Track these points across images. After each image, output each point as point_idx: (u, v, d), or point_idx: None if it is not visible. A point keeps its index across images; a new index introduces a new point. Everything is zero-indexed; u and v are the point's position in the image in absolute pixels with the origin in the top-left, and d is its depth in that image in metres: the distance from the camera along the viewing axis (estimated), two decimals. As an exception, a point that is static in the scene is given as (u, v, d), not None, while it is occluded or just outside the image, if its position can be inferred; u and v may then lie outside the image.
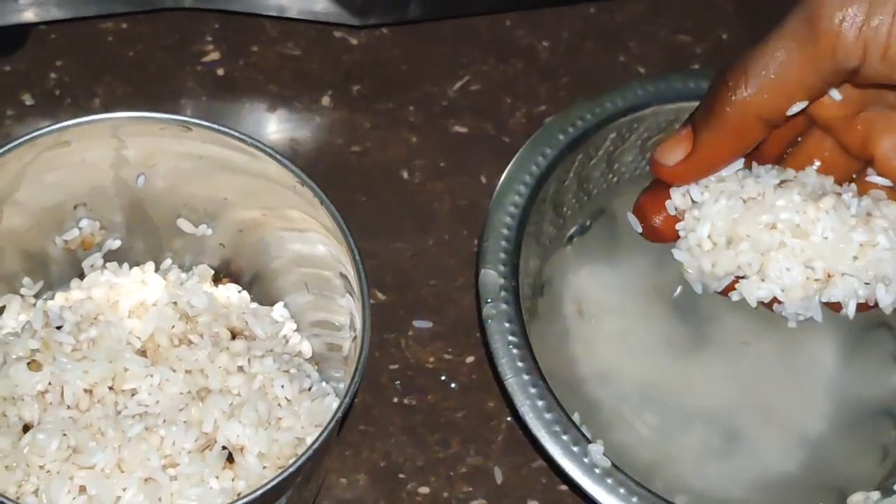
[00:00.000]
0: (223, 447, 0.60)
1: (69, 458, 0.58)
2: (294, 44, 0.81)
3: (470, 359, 0.72)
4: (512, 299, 0.67)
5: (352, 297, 0.61)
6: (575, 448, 0.64)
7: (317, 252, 0.64)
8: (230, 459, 0.60)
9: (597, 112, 0.73)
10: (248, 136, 0.62)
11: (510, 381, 0.65)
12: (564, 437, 0.64)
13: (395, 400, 0.70)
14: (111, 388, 0.61)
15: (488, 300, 0.67)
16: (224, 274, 0.69)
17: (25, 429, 0.59)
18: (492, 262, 0.68)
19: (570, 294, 0.73)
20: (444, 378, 0.71)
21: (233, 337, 0.64)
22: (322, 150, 0.78)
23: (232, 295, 0.68)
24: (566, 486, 0.68)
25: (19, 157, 0.61)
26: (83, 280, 0.67)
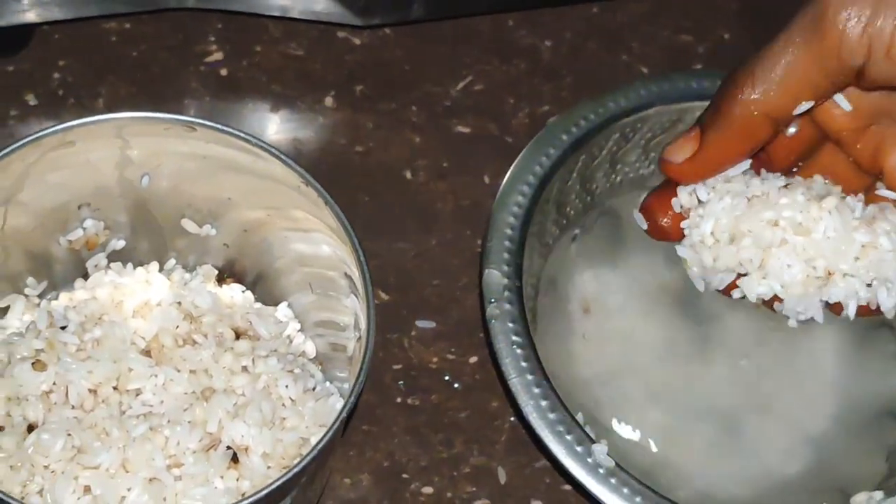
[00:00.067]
0: (228, 447, 0.60)
1: (74, 458, 0.58)
2: (297, 44, 0.81)
3: (473, 359, 0.72)
4: (515, 299, 0.67)
5: (356, 297, 0.61)
6: (578, 448, 0.64)
7: (321, 252, 0.64)
8: (235, 459, 0.60)
9: (600, 112, 0.73)
10: (252, 136, 0.61)
11: (514, 381, 0.65)
12: (568, 436, 0.64)
13: (398, 400, 0.70)
14: (115, 388, 0.61)
15: (492, 300, 0.67)
16: (228, 274, 0.69)
17: (30, 429, 0.59)
18: (495, 262, 0.68)
19: (573, 294, 0.73)
20: (447, 378, 0.71)
21: (237, 337, 0.64)
22: (325, 151, 0.78)
23: (236, 295, 0.68)
24: (570, 486, 0.68)
25: (23, 158, 0.61)
26: (87, 280, 0.67)
